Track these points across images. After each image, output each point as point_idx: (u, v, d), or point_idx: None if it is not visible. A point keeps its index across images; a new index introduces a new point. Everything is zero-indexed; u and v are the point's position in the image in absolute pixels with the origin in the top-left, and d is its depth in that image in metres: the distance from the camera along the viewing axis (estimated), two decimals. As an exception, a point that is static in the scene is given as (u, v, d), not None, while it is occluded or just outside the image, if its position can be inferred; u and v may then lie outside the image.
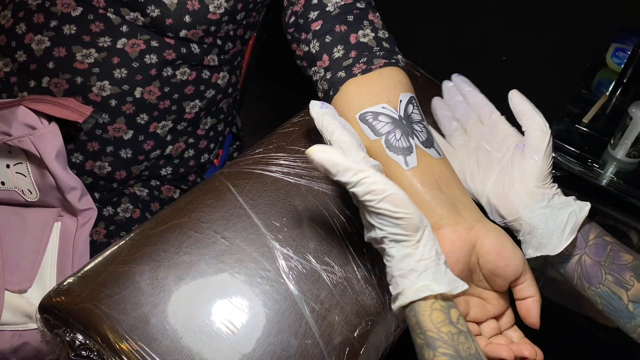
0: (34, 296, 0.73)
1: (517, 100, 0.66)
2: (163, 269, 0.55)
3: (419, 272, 0.50)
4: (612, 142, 1.00)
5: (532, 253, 0.62)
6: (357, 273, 0.61)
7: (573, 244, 0.63)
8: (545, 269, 0.74)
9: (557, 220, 0.61)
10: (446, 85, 0.77)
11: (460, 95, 0.74)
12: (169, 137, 0.83)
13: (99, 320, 0.51)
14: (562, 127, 1.03)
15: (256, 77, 1.11)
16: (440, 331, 0.48)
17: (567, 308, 1.12)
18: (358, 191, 0.51)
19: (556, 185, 0.64)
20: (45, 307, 0.52)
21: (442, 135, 0.75)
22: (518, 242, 0.65)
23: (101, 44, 0.74)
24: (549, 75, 1.37)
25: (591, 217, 0.64)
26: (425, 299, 0.50)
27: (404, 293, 0.50)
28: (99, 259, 0.55)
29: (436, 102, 0.77)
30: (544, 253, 0.61)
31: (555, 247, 0.61)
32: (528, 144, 0.63)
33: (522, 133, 0.65)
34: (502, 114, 0.70)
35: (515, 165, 0.64)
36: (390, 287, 0.52)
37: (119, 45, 0.74)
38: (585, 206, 0.62)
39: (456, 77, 0.76)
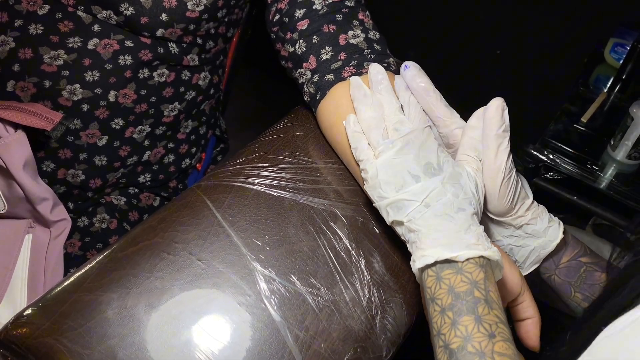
0: (4, 315, 0.68)
1: (487, 117, 0.55)
2: (133, 296, 0.50)
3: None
4: (612, 142, 0.95)
5: None
6: (344, 295, 0.56)
7: (543, 265, 0.62)
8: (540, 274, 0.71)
9: (518, 253, 0.61)
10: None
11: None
12: (146, 142, 0.77)
13: (61, 356, 0.46)
14: (560, 127, 0.99)
15: (242, 69, 1.06)
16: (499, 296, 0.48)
17: (564, 313, 1.08)
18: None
19: (524, 211, 0.58)
20: (2, 341, 0.47)
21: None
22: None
23: (71, 45, 0.68)
24: (545, 70, 1.32)
25: (585, 220, 0.61)
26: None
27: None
28: (62, 286, 0.50)
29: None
30: None
31: None
32: (484, 180, 0.56)
33: None
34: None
35: None
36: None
37: (90, 45, 0.68)
38: (553, 241, 0.60)
39: (403, 71, 0.59)
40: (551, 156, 0.94)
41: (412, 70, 0.59)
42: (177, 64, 0.75)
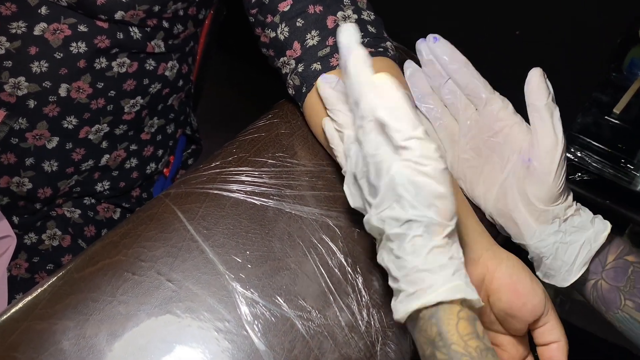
0: (-63, 350, 0.69)
1: (533, 88, 0.60)
2: (92, 324, 0.51)
3: (452, 269, 0.48)
4: (649, 137, 0.98)
5: (540, 276, 0.63)
6: (339, 318, 0.57)
7: (588, 269, 0.63)
8: (571, 291, 0.72)
9: (567, 252, 0.62)
10: (422, 49, 0.68)
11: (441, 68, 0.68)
12: (104, 144, 0.79)
13: (9, 394, 0.47)
14: (589, 120, 1.01)
15: (216, 57, 1.08)
16: (467, 345, 0.47)
17: (600, 337, 1.10)
18: (411, 146, 0.48)
19: (571, 200, 0.62)
20: (-61, 378, 0.48)
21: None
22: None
23: (14, 31, 0.69)
24: (571, 54, 1.34)
25: (621, 228, 0.63)
26: (451, 303, 0.48)
27: (432, 290, 0.48)
28: (9, 313, 0.51)
29: (412, 73, 0.70)
30: (551, 282, 0.63)
31: (562, 281, 0.62)
32: (535, 159, 0.59)
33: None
34: (505, 100, 0.65)
35: (519, 183, 0.61)
36: (400, 285, 0.49)
37: (37, 31, 0.70)
38: (603, 231, 0.62)
39: (432, 44, 0.67)
40: (579, 154, 0.96)
41: (444, 45, 0.66)
42: (139, 51, 0.76)
